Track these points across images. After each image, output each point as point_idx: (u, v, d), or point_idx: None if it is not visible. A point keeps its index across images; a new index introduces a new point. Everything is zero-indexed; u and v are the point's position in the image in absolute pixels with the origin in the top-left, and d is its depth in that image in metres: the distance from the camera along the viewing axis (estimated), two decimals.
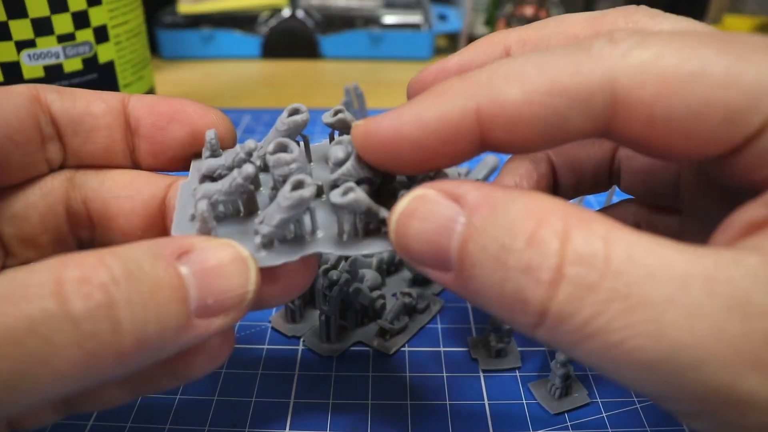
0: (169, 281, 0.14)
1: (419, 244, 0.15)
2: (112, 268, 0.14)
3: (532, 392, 0.25)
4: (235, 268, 0.16)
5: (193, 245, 0.16)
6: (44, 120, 0.20)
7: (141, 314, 0.14)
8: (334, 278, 0.26)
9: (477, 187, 0.15)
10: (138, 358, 0.14)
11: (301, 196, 0.16)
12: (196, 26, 0.64)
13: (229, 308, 0.16)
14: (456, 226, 0.15)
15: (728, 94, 0.14)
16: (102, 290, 0.13)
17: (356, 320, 0.28)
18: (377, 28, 0.65)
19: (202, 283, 0.15)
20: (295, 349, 0.27)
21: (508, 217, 0.14)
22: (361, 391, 0.25)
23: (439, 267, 0.15)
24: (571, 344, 0.13)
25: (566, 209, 0.14)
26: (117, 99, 0.21)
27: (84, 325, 0.13)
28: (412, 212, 0.15)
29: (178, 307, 0.14)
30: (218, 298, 0.15)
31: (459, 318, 0.29)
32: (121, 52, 0.39)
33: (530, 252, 0.13)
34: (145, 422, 0.23)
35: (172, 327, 0.14)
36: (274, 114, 0.52)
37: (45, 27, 0.34)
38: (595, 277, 0.13)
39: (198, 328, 0.15)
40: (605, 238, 0.13)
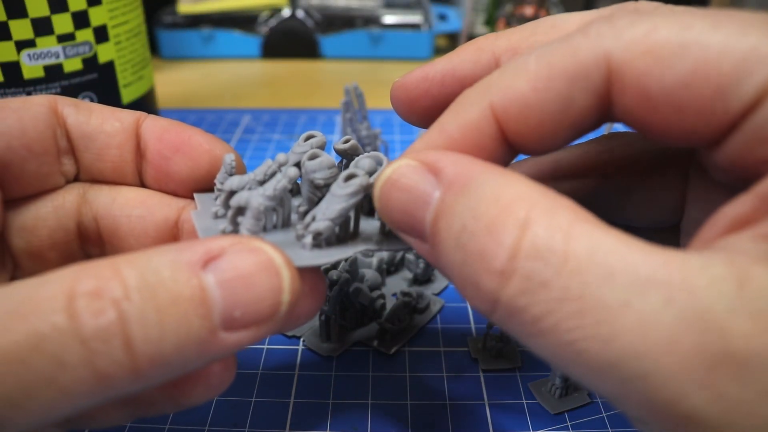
0: (190, 293, 0.13)
1: (398, 214, 0.16)
2: (127, 280, 0.13)
3: (532, 392, 0.25)
4: (266, 276, 0.14)
5: (222, 249, 0.14)
6: (60, 132, 0.20)
7: (156, 331, 0.13)
8: (334, 278, 0.26)
9: (456, 161, 0.15)
10: (156, 375, 0.13)
11: (360, 183, 0.17)
12: (196, 26, 0.64)
13: (260, 321, 0.14)
14: (431, 200, 0.15)
15: (721, 65, 0.14)
16: (114, 306, 0.13)
17: (356, 320, 0.28)
18: (377, 28, 0.65)
19: (229, 294, 0.14)
20: (295, 349, 0.27)
21: (476, 199, 0.14)
22: (361, 391, 0.25)
23: (416, 237, 0.16)
24: (523, 336, 0.13)
25: (535, 196, 0.13)
26: (132, 119, 0.21)
27: (94, 344, 0.12)
28: (393, 182, 0.16)
29: (199, 322, 0.13)
30: (247, 310, 0.14)
31: (459, 318, 0.29)
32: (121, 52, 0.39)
33: (487, 238, 0.13)
34: (145, 422, 0.23)
35: (193, 342, 0.13)
36: (274, 114, 0.52)
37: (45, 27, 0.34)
38: (548, 274, 0.12)
39: (225, 341, 0.14)
40: (567, 231, 0.13)
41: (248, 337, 0.14)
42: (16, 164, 0.19)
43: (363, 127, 0.40)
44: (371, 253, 0.31)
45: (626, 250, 0.12)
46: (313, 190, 0.18)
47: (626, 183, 0.21)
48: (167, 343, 0.13)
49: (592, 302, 0.12)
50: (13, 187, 0.20)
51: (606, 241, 0.13)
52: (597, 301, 0.12)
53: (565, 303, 0.12)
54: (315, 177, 0.18)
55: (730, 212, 0.14)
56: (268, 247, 0.15)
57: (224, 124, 0.50)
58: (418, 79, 0.20)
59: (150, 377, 0.13)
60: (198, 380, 0.17)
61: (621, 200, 0.21)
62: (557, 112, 0.15)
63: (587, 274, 0.12)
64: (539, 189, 0.14)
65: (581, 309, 0.12)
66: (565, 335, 0.12)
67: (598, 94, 0.15)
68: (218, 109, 0.53)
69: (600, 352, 0.12)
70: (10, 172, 0.19)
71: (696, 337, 0.12)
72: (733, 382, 0.11)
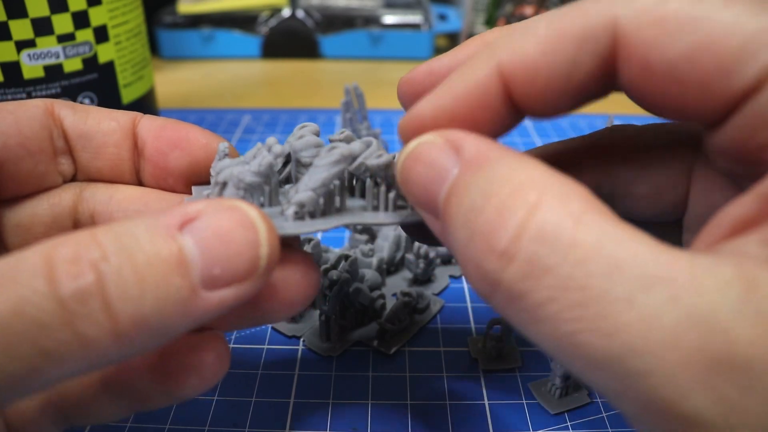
0: (167, 253, 0.13)
1: (416, 188, 0.16)
2: (103, 245, 0.13)
3: (532, 392, 0.25)
4: (243, 232, 0.14)
5: (198, 212, 0.14)
6: (56, 133, 0.20)
7: (134, 291, 0.13)
8: (334, 278, 0.26)
9: (477, 141, 0.15)
10: (140, 337, 0.13)
11: (341, 152, 0.17)
12: (196, 26, 0.64)
13: (241, 277, 0.14)
14: (449, 176, 0.15)
15: (727, 42, 0.13)
16: (92, 268, 0.13)
17: (356, 320, 0.28)
18: (377, 28, 0.65)
19: (206, 252, 0.14)
20: (295, 349, 0.27)
21: (489, 178, 0.14)
22: (361, 391, 0.25)
23: (432, 213, 0.16)
24: (522, 323, 0.13)
25: (549, 181, 0.13)
26: (128, 118, 0.21)
27: (73, 306, 0.12)
28: (416, 156, 0.16)
29: (179, 281, 0.14)
30: (226, 266, 0.14)
31: (459, 318, 0.29)
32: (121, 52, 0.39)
33: (494, 217, 0.13)
34: (145, 422, 0.23)
35: (174, 302, 0.13)
36: (274, 114, 0.52)
37: (45, 27, 0.34)
38: (553, 260, 0.12)
39: (208, 301, 0.14)
40: (577, 219, 0.12)
41: (231, 296, 0.14)
42: (12, 162, 0.20)
43: (363, 127, 0.40)
44: (371, 253, 0.31)
45: (635, 244, 0.12)
46: (300, 170, 0.18)
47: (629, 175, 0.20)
48: (147, 302, 0.13)
49: (595, 293, 0.12)
50: (9, 186, 0.20)
51: (615, 233, 0.12)
52: (600, 293, 0.12)
53: (567, 292, 0.12)
54: (301, 156, 0.18)
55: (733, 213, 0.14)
56: (242, 204, 0.15)
57: (224, 124, 0.50)
58: (424, 74, 0.20)
59: (133, 340, 0.13)
60: (191, 371, 0.17)
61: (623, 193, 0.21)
62: (563, 74, 0.16)
63: (593, 265, 0.12)
64: (555, 174, 0.14)
65: (584, 299, 0.12)
66: (565, 325, 0.12)
67: (604, 59, 0.15)
68: (218, 109, 0.53)
69: (600, 345, 0.12)
70: (5, 171, 0.20)
71: (700, 338, 0.11)
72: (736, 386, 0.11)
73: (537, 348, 0.27)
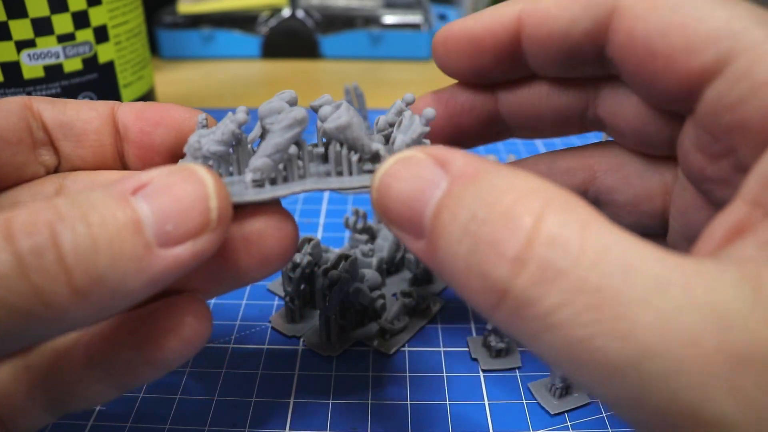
0: (121, 214, 0.14)
1: (397, 205, 0.15)
2: (59, 207, 0.14)
3: (532, 392, 0.25)
4: (190, 186, 0.15)
5: (150, 178, 0.15)
6: (35, 125, 0.20)
7: (88, 247, 0.13)
8: (334, 278, 0.26)
9: (465, 156, 0.15)
10: (99, 295, 0.14)
11: (294, 116, 0.16)
12: (196, 26, 0.64)
13: (194, 232, 0.15)
14: (436, 191, 0.14)
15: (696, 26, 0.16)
16: (47, 226, 0.13)
17: (356, 320, 0.28)
18: (377, 28, 0.65)
19: (158, 210, 0.14)
20: (295, 349, 0.27)
21: (487, 188, 0.14)
22: (361, 391, 0.25)
23: (413, 233, 0.15)
24: (530, 334, 0.13)
25: (551, 191, 0.13)
26: (107, 106, 0.21)
27: (28, 259, 0.13)
28: (395, 172, 0.15)
29: (132, 238, 0.14)
30: (177, 221, 0.14)
31: (459, 318, 0.29)
32: (121, 52, 0.39)
33: (500, 225, 0.13)
34: (145, 422, 0.23)
35: (128, 258, 0.14)
36: None
37: (45, 27, 0.34)
38: (566, 263, 0.12)
39: (164, 258, 0.14)
40: (585, 224, 0.12)
41: (187, 252, 0.15)
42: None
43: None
44: (371, 253, 0.31)
45: (642, 248, 0.12)
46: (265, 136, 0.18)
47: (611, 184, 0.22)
48: (101, 258, 0.13)
49: (609, 295, 0.11)
50: None
51: (622, 238, 0.12)
52: (615, 294, 0.11)
53: (581, 295, 0.12)
54: (265, 122, 0.18)
55: (724, 223, 0.14)
56: (190, 164, 0.15)
57: None
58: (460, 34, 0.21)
59: (91, 297, 0.14)
60: (171, 334, 0.17)
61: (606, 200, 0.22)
62: (563, 27, 0.19)
63: (605, 267, 0.12)
64: (553, 185, 0.14)
65: (598, 302, 0.12)
66: (578, 330, 0.12)
67: (599, 24, 0.18)
68: (218, 109, 0.53)
69: (616, 349, 0.11)
70: None
71: (719, 337, 0.11)
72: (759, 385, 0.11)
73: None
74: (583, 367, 0.12)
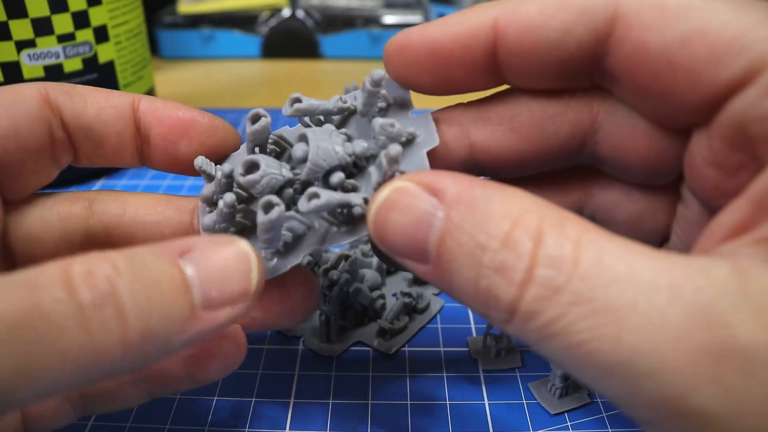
0: (170, 274, 0.15)
1: (398, 236, 0.15)
2: (116, 262, 0.14)
3: (532, 392, 0.25)
4: (236, 260, 0.16)
5: (195, 244, 0.16)
6: (55, 124, 0.20)
7: (144, 304, 0.14)
8: (334, 278, 0.26)
9: (456, 180, 0.15)
10: (144, 349, 0.14)
11: (269, 220, 0.17)
12: (196, 26, 0.64)
13: (235, 299, 0.16)
14: (434, 220, 0.15)
15: (720, 33, 0.14)
16: (107, 281, 0.14)
17: (356, 320, 0.28)
18: (377, 28, 0.65)
19: (205, 277, 0.15)
20: (295, 349, 0.27)
21: (485, 215, 0.14)
22: (361, 391, 0.25)
23: (417, 259, 0.15)
24: (536, 341, 0.14)
25: (542, 208, 0.14)
26: (127, 103, 0.21)
27: (89, 312, 0.13)
28: (391, 204, 0.16)
29: (181, 299, 0.15)
30: (221, 289, 0.15)
31: (459, 318, 0.29)
32: (121, 52, 0.39)
33: (504, 252, 0.14)
34: (145, 422, 0.23)
35: (177, 318, 0.15)
36: (274, 114, 0.52)
37: (45, 27, 0.34)
38: (562, 280, 0.13)
39: (206, 319, 0.15)
40: (577, 241, 0.13)
41: (226, 314, 0.16)
42: (13, 166, 0.19)
43: None
44: (371, 253, 0.31)
45: (631, 255, 0.13)
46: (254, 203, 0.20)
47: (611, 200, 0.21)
48: (154, 316, 0.14)
49: (601, 304, 0.12)
50: (12, 188, 0.20)
51: (611, 248, 0.13)
52: (606, 302, 0.12)
53: (576, 306, 0.13)
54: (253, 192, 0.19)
55: (727, 219, 0.14)
56: (234, 237, 0.16)
57: None
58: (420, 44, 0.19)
59: (138, 350, 0.14)
60: (215, 357, 0.20)
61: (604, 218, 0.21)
62: (555, 39, 0.17)
63: (596, 279, 0.13)
64: (544, 202, 0.14)
65: (591, 311, 0.13)
66: (576, 336, 0.13)
67: (597, 35, 0.16)
68: (218, 109, 0.53)
69: (610, 351, 0.12)
70: (6, 174, 0.19)
71: (702, 334, 0.12)
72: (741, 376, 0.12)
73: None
74: (583, 369, 0.13)
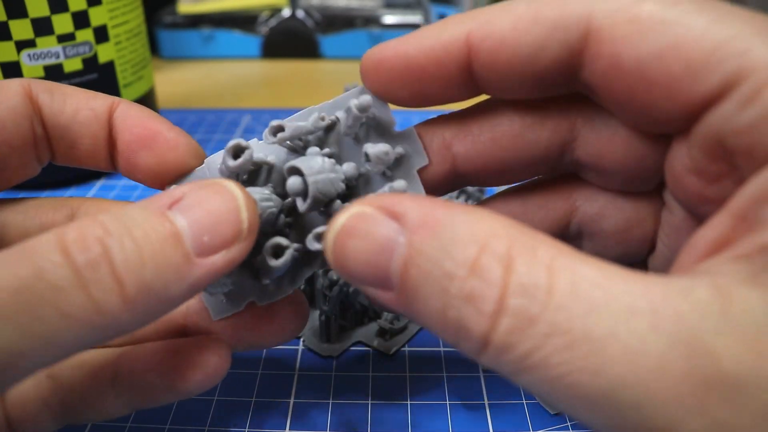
0: (161, 228, 0.15)
1: (358, 264, 0.15)
2: (105, 224, 0.14)
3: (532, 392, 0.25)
4: (223, 200, 0.16)
5: (183, 193, 0.16)
6: (36, 120, 0.20)
7: (136, 258, 0.14)
8: (334, 278, 0.26)
9: (417, 203, 0.14)
10: (145, 302, 0.15)
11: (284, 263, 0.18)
12: (196, 26, 0.64)
13: (228, 242, 0.16)
14: (396, 246, 0.14)
15: (696, 46, 0.14)
16: (98, 242, 0.14)
17: (356, 320, 0.28)
18: (377, 28, 0.65)
19: (194, 223, 0.15)
20: (295, 349, 0.27)
21: (450, 240, 0.13)
22: (361, 391, 0.25)
23: (379, 287, 0.15)
24: (512, 373, 0.13)
25: (510, 232, 0.13)
26: (105, 107, 0.21)
27: (85, 273, 0.14)
28: (349, 231, 0.15)
29: (173, 248, 0.15)
30: (212, 233, 0.15)
31: None
32: (121, 52, 0.39)
33: (472, 281, 0.13)
34: (145, 422, 0.23)
35: (171, 266, 0.15)
36: (274, 114, 0.52)
37: (45, 27, 0.34)
38: (536, 310, 0.12)
39: (202, 265, 0.15)
40: (549, 267, 0.13)
41: (221, 260, 0.16)
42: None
43: None
44: None
45: (608, 280, 0.12)
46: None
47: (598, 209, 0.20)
48: (147, 270, 0.14)
49: (578, 335, 0.12)
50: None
51: (587, 272, 0.13)
52: (584, 333, 0.12)
53: (552, 338, 0.12)
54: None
55: (707, 235, 0.14)
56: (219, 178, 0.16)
57: (224, 124, 0.50)
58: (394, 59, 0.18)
59: (138, 305, 0.14)
60: (196, 368, 0.19)
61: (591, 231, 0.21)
62: (529, 55, 0.16)
63: (572, 308, 0.12)
64: (513, 224, 0.14)
65: (569, 342, 0.12)
66: (554, 369, 0.12)
67: (571, 50, 0.16)
68: (218, 109, 0.53)
69: (590, 384, 0.12)
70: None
71: (685, 362, 0.11)
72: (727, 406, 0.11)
73: None
74: (564, 401, 0.13)
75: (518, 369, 0.13)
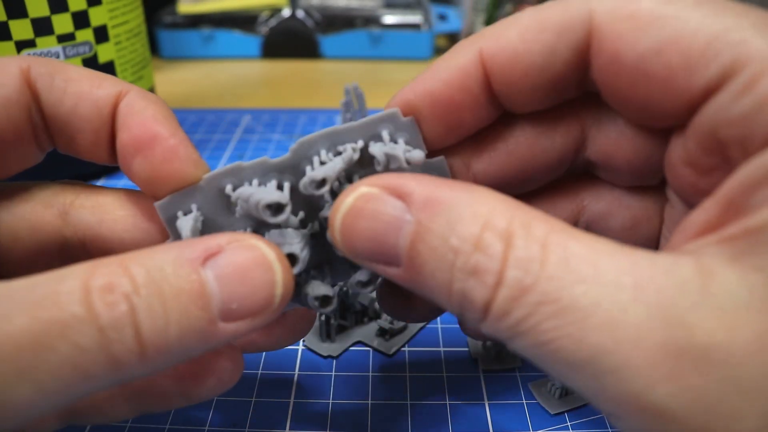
0: (190, 287, 0.14)
1: (366, 242, 0.15)
2: (135, 277, 0.14)
3: (532, 392, 0.25)
4: (260, 272, 0.15)
5: (220, 246, 0.15)
6: (34, 109, 0.19)
7: (161, 321, 0.14)
8: None
9: (421, 183, 0.15)
10: (160, 361, 0.14)
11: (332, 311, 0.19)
12: (196, 26, 0.64)
13: (255, 312, 0.15)
14: (403, 224, 0.15)
15: (692, 40, 0.14)
16: (125, 300, 0.14)
17: (356, 320, 0.28)
18: (377, 28, 0.65)
19: (226, 288, 0.15)
20: (295, 349, 0.27)
21: (455, 218, 0.14)
22: (361, 391, 0.25)
23: (386, 263, 0.15)
24: (507, 338, 0.14)
25: (510, 209, 0.14)
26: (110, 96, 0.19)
27: (109, 333, 0.14)
28: (357, 211, 0.15)
29: (199, 313, 0.15)
30: (242, 303, 0.15)
31: None
32: (121, 52, 0.39)
33: (477, 255, 0.14)
34: (145, 422, 0.23)
35: (195, 331, 0.15)
36: (274, 114, 0.52)
37: (45, 27, 0.34)
38: (530, 281, 0.13)
39: (223, 331, 0.15)
40: (544, 242, 0.14)
41: (244, 327, 0.15)
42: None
43: None
44: None
45: (597, 255, 0.13)
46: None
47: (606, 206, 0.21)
48: (171, 332, 0.14)
49: (566, 303, 0.13)
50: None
51: (578, 248, 0.13)
52: (571, 302, 0.13)
53: (543, 306, 0.13)
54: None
55: (697, 218, 0.15)
56: (262, 244, 0.16)
57: (224, 124, 0.50)
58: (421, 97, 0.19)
59: (155, 362, 0.14)
60: (210, 374, 0.19)
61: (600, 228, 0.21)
62: (542, 63, 0.17)
63: (562, 279, 0.13)
64: (511, 202, 0.15)
65: (557, 310, 0.13)
66: (543, 335, 0.13)
67: (579, 50, 0.16)
68: (218, 109, 0.53)
69: (574, 349, 0.13)
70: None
71: (662, 333, 0.12)
72: (696, 373, 0.12)
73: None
74: (550, 365, 0.14)
75: (513, 334, 0.14)
